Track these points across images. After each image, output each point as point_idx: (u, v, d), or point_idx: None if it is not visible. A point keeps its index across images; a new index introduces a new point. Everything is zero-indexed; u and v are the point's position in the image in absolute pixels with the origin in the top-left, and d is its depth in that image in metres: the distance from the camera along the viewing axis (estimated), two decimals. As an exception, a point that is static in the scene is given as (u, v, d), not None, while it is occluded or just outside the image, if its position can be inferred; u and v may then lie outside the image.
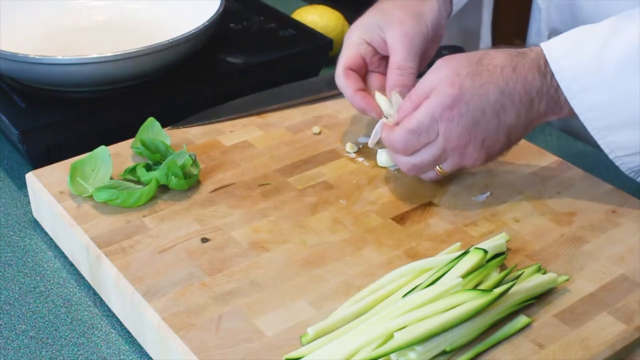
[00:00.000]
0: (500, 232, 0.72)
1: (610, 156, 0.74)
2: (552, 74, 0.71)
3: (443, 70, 0.73)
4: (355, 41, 0.84)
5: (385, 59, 0.84)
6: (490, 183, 0.80)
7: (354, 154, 0.84)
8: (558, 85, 0.71)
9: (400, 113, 0.75)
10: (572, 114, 0.73)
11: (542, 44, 0.73)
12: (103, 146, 0.79)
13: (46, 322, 0.70)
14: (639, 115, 0.70)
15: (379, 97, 0.81)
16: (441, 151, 0.74)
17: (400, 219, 0.75)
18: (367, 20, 0.84)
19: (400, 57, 0.81)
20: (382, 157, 0.82)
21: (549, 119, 0.75)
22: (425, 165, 0.75)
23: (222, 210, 0.75)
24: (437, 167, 0.76)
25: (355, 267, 0.69)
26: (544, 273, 0.67)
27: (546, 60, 0.72)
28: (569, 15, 0.91)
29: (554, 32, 0.95)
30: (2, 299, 0.72)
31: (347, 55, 0.84)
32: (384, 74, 0.83)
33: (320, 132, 0.86)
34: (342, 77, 0.83)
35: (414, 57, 0.82)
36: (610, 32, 0.71)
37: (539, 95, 0.72)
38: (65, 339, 0.68)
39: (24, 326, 0.69)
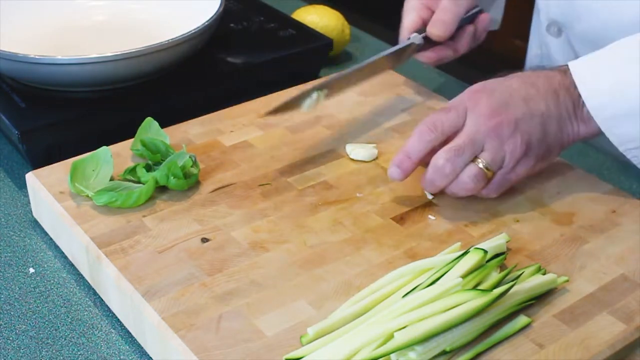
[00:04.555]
0: (500, 232, 0.72)
1: (621, 149, 0.74)
2: (570, 71, 0.74)
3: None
4: (415, 6, 0.92)
5: None
6: (490, 183, 0.80)
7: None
8: (572, 80, 0.73)
9: None
10: (594, 123, 0.73)
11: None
12: (105, 146, 0.79)
13: (46, 322, 0.70)
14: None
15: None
16: (474, 133, 0.72)
17: (400, 219, 0.75)
18: None
19: (449, 16, 0.90)
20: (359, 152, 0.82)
21: (582, 131, 0.74)
22: (459, 159, 0.71)
23: (222, 210, 0.75)
24: (479, 162, 0.72)
25: (355, 267, 0.69)
26: (544, 273, 0.67)
27: (567, 65, 0.75)
28: (568, 5, 0.91)
29: (553, 24, 0.95)
30: (2, 299, 0.72)
31: (410, 20, 0.92)
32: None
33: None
34: (405, 34, 0.91)
35: (456, 22, 0.90)
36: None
37: (561, 87, 0.73)
38: (65, 339, 0.68)
39: (24, 326, 0.69)
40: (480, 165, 0.72)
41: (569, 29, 0.94)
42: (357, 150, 0.83)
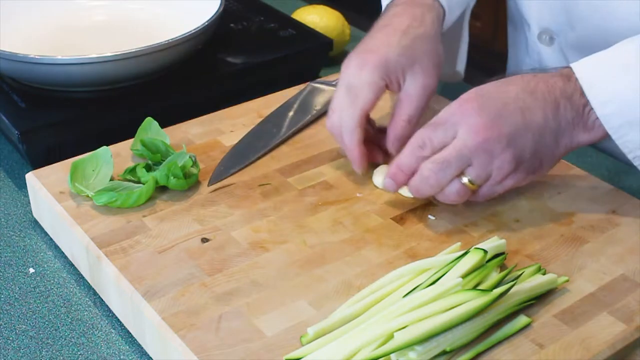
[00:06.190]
0: (501, 232, 0.72)
1: (629, 156, 0.71)
2: (576, 78, 0.70)
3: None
4: (377, 82, 0.77)
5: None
6: (490, 183, 0.80)
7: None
8: (581, 89, 0.70)
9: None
10: (599, 130, 0.70)
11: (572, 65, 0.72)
12: (105, 146, 0.79)
13: (46, 322, 0.70)
14: None
15: (383, 168, 0.80)
16: (461, 148, 0.69)
17: (400, 219, 0.75)
18: (393, 59, 0.77)
19: (412, 109, 0.78)
20: (379, 178, 0.79)
21: (581, 139, 0.71)
22: (445, 173, 0.70)
23: (222, 210, 0.75)
24: (465, 178, 0.70)
25: (355, 267, 0.69)
26: (544, 273, 0.67)
27: (570, 68, 0.71)
28: (563, 13, 0.91)
29: (545, 32, 0.95)
30: (2, 299, 0.72)
31: (369, 98, 0.77)
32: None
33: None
34: (357, 131, 0.77)
35: (423, 110, 0.79)
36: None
37: (563, 96, 0.70)
38: (65, 339, 0.68)
39: (24, 326, 0.69)
40: (464, 181, 0.70)
41: (562, 37, 0.93)
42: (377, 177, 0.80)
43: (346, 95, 0.77)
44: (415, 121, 0.79)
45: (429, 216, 0.75)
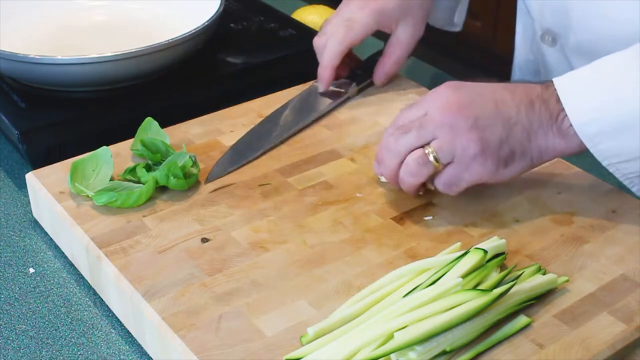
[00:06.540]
0: (500, 232, 0.72)
1: (604, 164, 0.71)
2: (555, 88, 0.71)
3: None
4: (370, 25, 0.90)
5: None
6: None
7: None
8: (557, 96, 0.71)
9: None
10: (574, 138, 0.70)
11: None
12: (105, 146, 0.79)
13: (46, 322, 0.70)
14: (631, 119, 0.68)
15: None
16: (426, 121, 0.71)
17: (400, 219, 0.75)
18: (389, 8, 0.91)
19: (401, 52, 0.94)
20: None
21: (557, 145, 0.71)
22: (404, 139, 0.71)
23: (222, 210, 0.75)
24: (428, 149, 0.71)
25: (355, 267, 0.69)
26: (544, 273, 0.67)
27: (551, 80, 0.72)
28: (563, 15, 0.91)
29: (547, 33, 0.95)
30: (2, 299, 0.72)
31: (358, 35, 0.90)
32: None
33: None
34: (338, 55, 0.90)
35: (409, 52, 0.94)
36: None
37: (539, 99, 0.71)
38: (65, 339, 0.68)
39: (24, 326, 0.69)
40: (426, 151, 0.71)
41: (564, 39, 0.93)
42: None
43: (340, 24, 0.90)
44: (403, 62, 0.95)
45: (429, 216, 0.75)
